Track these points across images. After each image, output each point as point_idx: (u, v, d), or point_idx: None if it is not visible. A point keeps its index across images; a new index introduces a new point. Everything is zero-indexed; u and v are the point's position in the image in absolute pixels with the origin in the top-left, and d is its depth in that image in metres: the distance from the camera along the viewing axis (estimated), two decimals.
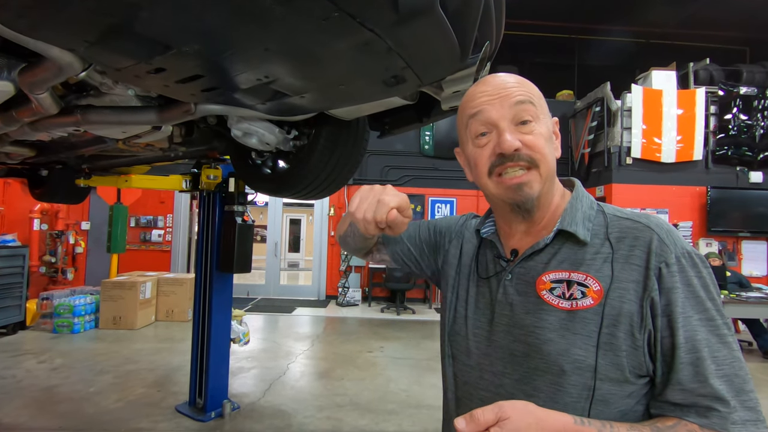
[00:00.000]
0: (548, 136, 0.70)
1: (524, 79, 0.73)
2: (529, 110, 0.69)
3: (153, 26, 0.82)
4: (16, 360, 4.33)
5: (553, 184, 0.73)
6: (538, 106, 0.70)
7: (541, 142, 0.68)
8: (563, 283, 0.66)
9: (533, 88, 0.72)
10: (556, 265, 0.68)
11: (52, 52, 0.96)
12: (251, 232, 3.15)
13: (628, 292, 0.62)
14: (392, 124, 1.71)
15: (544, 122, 0.70)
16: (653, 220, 0.67)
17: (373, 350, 5.16)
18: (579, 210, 0.70)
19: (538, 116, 0.69)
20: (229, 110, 1.38)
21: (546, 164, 0.69)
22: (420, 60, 1.05)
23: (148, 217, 8.33)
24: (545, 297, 0.67)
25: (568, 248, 0.69)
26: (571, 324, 0.64)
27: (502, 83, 0.71)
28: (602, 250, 0.66)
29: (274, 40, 0.89)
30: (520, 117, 0.69)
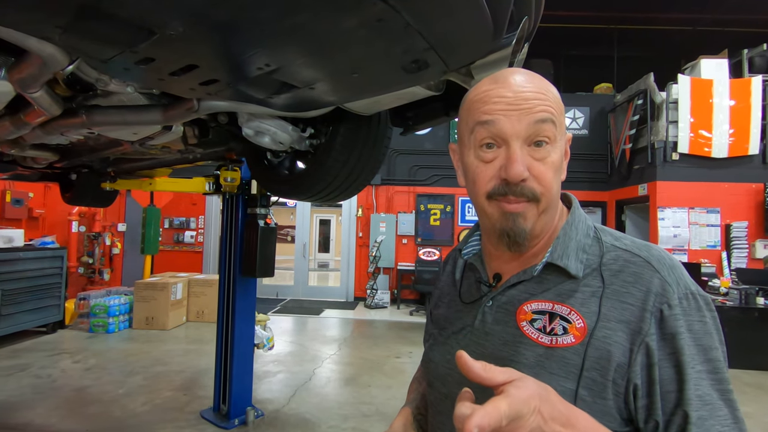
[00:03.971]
0: (559, 164, 0.61)
1: (546, 83, 0.62)
2: (548, 131, 0.59)
3: (126, 5, 0.69)
4: (53, 359, 4.45)
5: (551, 213, 0.64)
6: (558, 124, 0.60)
7: (550, 175, 0.60)
8: (545, 315, 0.59)
9: (555, 96, 0.61)
10: (539, 294, 0.61)
11: (29, 43, 0.86)
12: (274, 235, 3.07)
13: (616, 333, 0.55)
14: (416, 118, 1.55)
15: (559, 145, 0.61)
16: (655, 253, 0.60)
17: (401, 356, 5.00)
18: (573, 239, 0.62)
19: (556, 138, 0.60)
20: (234, 106, 1.26)
21: (547, 198, 0.61)
22: (445, 39, 0.88)
23: (181, 218, 8.52)
24: (524, 329, 0.60)
25: (557, 277, 0.61)
26: (548, 362, 0.57)
27: (523, 89, 0.59)
28: (591, 282, 0.59)
29: (269, 18, 0.75)
30: (537, 137, 0.59)
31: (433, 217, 8.64)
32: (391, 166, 8.54)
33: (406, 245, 8.60)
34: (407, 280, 8.13)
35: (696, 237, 6.74)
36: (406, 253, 8.54)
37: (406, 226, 8.55)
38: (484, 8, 0.81)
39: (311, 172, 1.66)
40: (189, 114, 1.28)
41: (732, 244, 6.69)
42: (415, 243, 8.56)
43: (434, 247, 8.16)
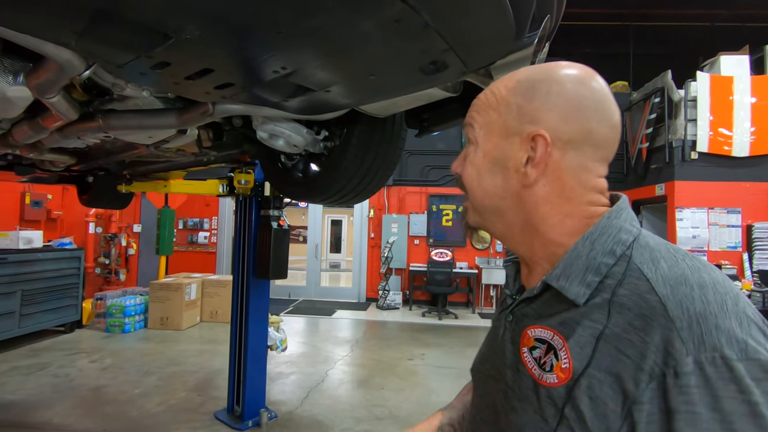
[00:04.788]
0: (481, 164, 0.58)
1: (499, 84, 0.59)
2: (469, 133, 0.61)
3: (142, 9, 0.68)
4: (71, 359, 4.52)
5: (503, 217, 0.58)
6: (481, 125, 0.58)
7: (469, 172, 0.59)
8: (545, 344, 0.52)
9: (487, 99, 0.59)
10: (546, 318, 0.54)
11: (46, 49, 0.86)
12: (287, 237, 3.07)
13: (602, 388, 0.45)
14: (432, 120, 1.52)
15: (483, 146, 0.58)
16: (683, 291, 0.44)
17: (414, 357, 4.97)
18: (583, 256, 0.51)
19: (477, 140, 0.59)
20: (249, 110, 1.25)
21: (473, 196, 0.59)
22: (465, 40, 0.86)
23: (195, 219, 8.60)
24: (524, 355, 0.55)
25: (563, 302, 0.52)
26: (533, 398, 0.51)
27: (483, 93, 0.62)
28: (597, 316, 0.48)
29: (286, 20, 0.73)
30: (466, 139, 0.62)
31: (446, 218, 8.59)
32: (403, 166, 8.51)
33: (418, 246, 8.56)
34: (419, 281, 8.10)
35: (716, 238, 6.58)
36: (418, 254, 8.50)
37: (418, 227, 8.51)
38: (507, 7, 0.78)
39: (326, 174, 1.65)
40: (204, 118, 1.27)
41: (754, 245, 6.51)
42: (427, 244, 8.52)
43: (447, 248, 8.11)
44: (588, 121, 0.52)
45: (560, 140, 0.53)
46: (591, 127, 0.53)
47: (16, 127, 1.71)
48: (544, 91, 0.53)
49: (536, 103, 0.53)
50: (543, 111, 0.53)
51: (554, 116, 0.52)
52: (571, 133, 0.52)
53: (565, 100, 0.53)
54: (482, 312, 7.94)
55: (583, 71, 0.55)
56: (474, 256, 8.44)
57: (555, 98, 0.53)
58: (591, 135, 0.53)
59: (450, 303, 7.95)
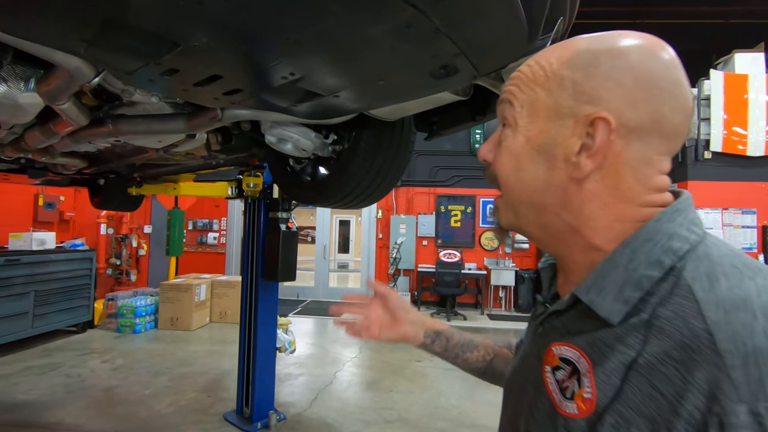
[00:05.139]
0: (518, 150, 0.48)
1: (548, 51, 0.49)
2: (506, 112, 0.50)
3: (151, 17, 0.68)
4: (83, 359, 4.57)
5: (542, 215, 0.49)
6: (524, 103, 0.48)
7: (504, 160, 0.50)
8: (570, 365, 0.45)
9: (534, 71, 0.48)
10: (574, 335, 0.46)
11: (56, 57, 0.86)
12: (295, 239, 3.07)
13: (629, 429, 0.38)
14: (441, 123, 1.51)
15: (523, 129, 0.48)
16: (743, 319, 0.35)
17: (422, 359, 4.95)
18: (621, 266, 0.43)
19: (516, 121, 0.49)
20: (258, 115, 1.24)
21: (507, 189, 0.50)
22: (477, 44, 0.84)
23: (204, 220, 8.66)
24: (546, 375, 0.48)
25: (593, 317, 0.44)
26: (548, 427, 0.45)
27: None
28: (632, 340, 0.40)
29: (294, 27, 0.72)
30: (501, 120, 0.52)
31: (454, 219, 8.55)
32: (411, 167, 8.49)
33: (427, 247, 8.53)
34: (428, 282, 8.07)
35: (730, 239, 6.46)
36: (426, 255, 8.47)
37: (426, 228, 8.48)
38: (519, 10, 0.76)
39: (334, 178, 1.64)
40: (212, 123, 1.27)
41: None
42: (435, 245, 8.49)
43: (455, 248, 8.07)
44: (660, 106, 0.43)
45: (624, 127, 0.43)
46: (662, 114, 0.43)
47: (28, 132, 1.73)
48: (609, 65, 0.43)
49: (598, 80, 0.43)
50: (606, 90, 0.43)
51: (619, 97, 0.43)
52: (638, 119, 0.43)
53: (634, 77, 0.43)
54: (491, 313, 7.88)
55: (655, 42, 0.45)
56: (483, 257, 8.39)
57: (621, 75, 0.43)
58: (661, 123, 0.43)
59: (458, 304, 7.91)
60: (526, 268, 8.14)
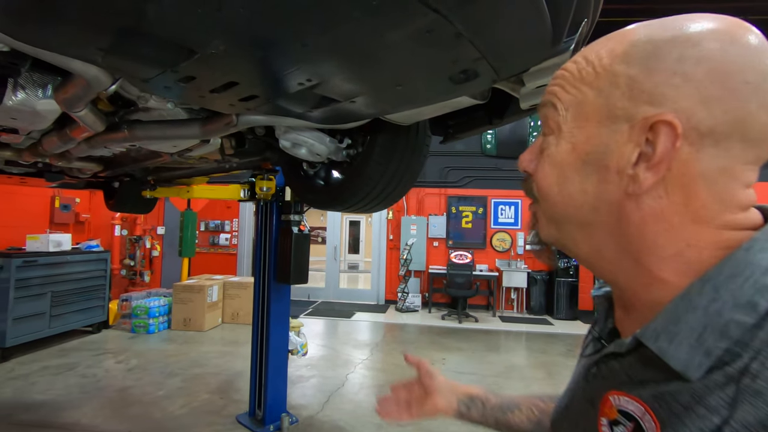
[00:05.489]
0: (561, 160, 0.41)
1: (599, 43, 0.42)
2: (548, 117, 0.44)
3: (167, 25, 0.67)
4: (98, 359, 4.63)
5: (585, 231, 0.41)
6: (569, 105, 0.41)
7: (545, 171, 0.43)
8: (633, 421, 0.38)
9: (581, 68, 0.41)
10: (637, 385, 0.38)
11: (74, 65, 0.86)
12: (308, 242, 3.06)
13: None
14: (457, 127, 1.48)
15: (569, 135, 0.41)
16: None
17: (435, 362, 4.92)
18: (700, 308, 0.34)
19: (559, 127, 0.42)
20: (273, 120, 1.23)
21: (547, 202, 0.43)
22: (498, 48, 0.82)
23: (216, 221, 8.72)
24: (602, 428, 0.41)
25: (662, 365, 0.36)
26: None
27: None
28: (711, 400, 0.33)
29: (312, 32, 0.71)
30: (542, 125, 0.45)
31: (465, 220, 8.49)
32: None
33: (438, 248, 8.49)
34: (438, 284, 8.03)
35: None
36: (437, 256, 8.43)
37: (437, 229, 8.44)
38: (545, 13, 0.74)
39: (349, 182, 1.63)
40: (228, 128, 1.26)
41: None
42: (446, 246, 8.44)
43: (466, 250, 8.02)
44: (743, 103, 0.34)
45: (695, 131, 0.35)
46: (747, 113, 0.34)
47: (45, 138, 1.75)
48: (675, 57, 0.35)
49: (661, 75, 0.36)
50: (671, 86, 0.35)
51: (689, 95, 0.35)
52: (713, 120, 0.34)
53: (708, 70, 0.34)
54: (503, 315, 7.81)
55: (737, 25, 0.36)
56: (494, 259, 8.32)
57: (692, 67, 0.35)
58: (744, 124, 0.35)
59: (470, 306, 7.86)
60: (538, 269, 8.05)
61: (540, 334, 6.57)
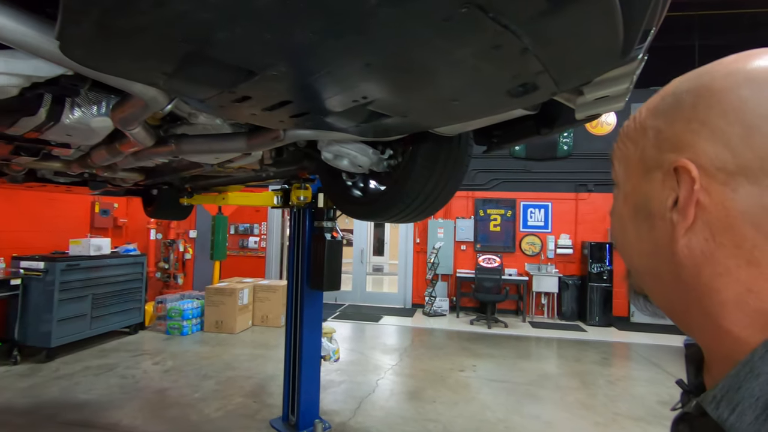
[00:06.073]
0: (624, 214, 0.44)
1: (651, 98, 0.43)
2: (615, 171, 0.47)
3: (232, 50, 0.67)
4: (136, 360, 4.77)
5: (659, 286, 0.41)
6: (620, 160, 0.45)
7: (615, 226, 0.46)
8: None
9: (640, 122, 0.43)
10: None
11: (134, 88, 0.87)
12: (340, 248, 3.06)
13: None
14: (503, 137, 1.44)
15: (623, 187, 0.44)
16: None
17: (465, 369, 4.85)
18: (763, 374, 0.31)
19: (617, 179, 0.46)
20: (319, 134, 1.23)
21: (621, 254, 0.45)
22: (565, 61, 0.78)
23: (246, 224, 8.89)
24: None
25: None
26: None
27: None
28: None
29: (377, 52, 0.69)
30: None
31: (493, 223, 8.36)
32: None
33: (465, 252, 8.39)
34: (466, 288, 7.92)
35: None
36: (465, 260, 8.33)
37: (464, 232, 8.35)
38: (620, 25, 0.70)
39: (390, 194, 1.61)
40: (274, 143, 1.26)
41: None
42: (474, 249, 8.34)
43: (494, 253, 7.89)
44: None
45: (722, 171, 0.35)
46: None
47: (94, 151, 1.80)
48: (689, 104, 0.37)
49: (679, 123, 0.38)
50: (690, 132, 0.37)
51: (708, 137, 0.36)
52: (740, 158, 0.34)
53: (722, 111, 0.35)
54: (533, 321, 7.64)
55: (748, 60, 0.37)
56: (524, 263, 8.16)
57: (706, 111, 0.36)
58: None
59: (498, 311, 7.72)
60: (569, 274, 7.85)
61: (572, 341, 6.39)
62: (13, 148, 1.76)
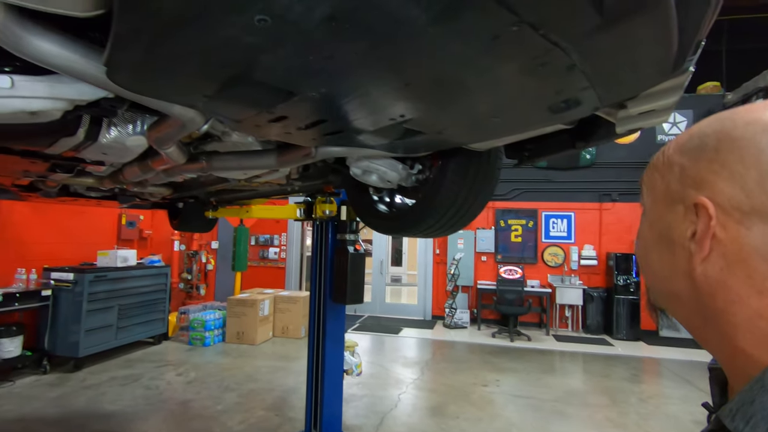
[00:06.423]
0: (648, 238, 0.49)
1: (680, 135, 0.48)
2: (641, 199, 0.52)
3: (275, 73, 0.66)
4: (160, 371, 4.83)
5: (681, 306, 0.45)
6: (648, 189, 0.50)
7: (638, 248, 0.51)
8: None
9: (667, 157, 0.47)
10: None
11: (173, 110, 0.87)
12: (363, 261, 3.04)
13: None
14: (536, 151, 1.41)
15: (649, 215, 0.49)
16: None
17: (488, 384, 4.74)
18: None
19: (645, 208, 0.51)
20: (350, 151, 1.22)
21: (645, 275, 0.50)
22: (613, 76, 0.75)
23: (266, 235, 8.97)
24: None
25: None
26: None
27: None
28: None
29: (419, 72, 0.68)
30: None
31: (514, 233, 8.23)
32: None
33: (486, 263, 8.27)
34: (487, 299, 7.79)
35: None
36: (485, 271, 8.21)
37: (485, 243, 8.24)
38: (675, 39, 0.67)
39: (419, 209, 1.59)
40: (305, 160, 1.26)
41: None
42: (495, 260, 8.21)
43: (516, 264, 7.75)
44: None
45: (738, 211, 0.39)
46: None
47: (127, 167, 1.83)
48: (712, 147, 0.42)
49: (702, 163, 0.42)
50: (711, 172, 0.41)
51: (727, 179, 0.40)
52: (754, 200, 0.38)
53: (740, 156, 0.39)
54: (557, 334, 7.45)
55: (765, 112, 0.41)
56: (546, 274, 7.99)
57: (727, 155, 0.40)
58: None
59: (521, 323, 7.56)
60: (594, 286, 7.64)
61: (599, 356, 6.19)
62: (50, 165, 1.81)
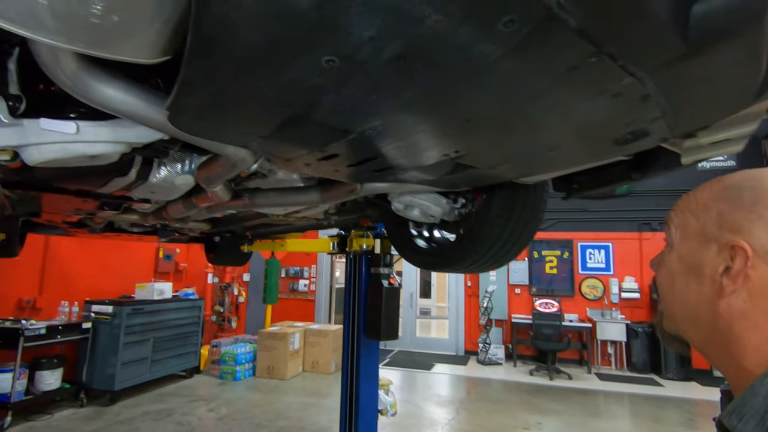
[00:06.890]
0: (673, 270, 0.55)
1: (705, 186, 0.55)
2: (667, 232, 0.59)
3: (335, 112, 0.65)
4: (191, 406, 4.80)
5: (696, 331, 0.53)
6: (678, 226, 0.56)
7: (660, 279, 0.58)
8: None
9: (688, 202, 0.56)
10: None
11: (226, 150, 0.88)
12: (398, 296, 2.98)
13: None
14: (586, 184, 1.34)
15: (678, 250, 0.55)
16: None
17: (530, 427, 4.45)
18: (759, 395, 0.43)
19: (672, 242, 0.57)
20: (395, 187, 1.19)
21: (666, 302, 0.57)
22: (688, 105, 0.70)
23: (296, 268, 9.01)
24: None
25: None
26: None
27: None
28: None
29: (483, 107, 0.65)
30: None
31: (549, 265, 7.96)
32: None
33: (520, 295, 7.99)
34: (523, 334, 7.47)
35: None
36: (519, 304, 7.91)
37: (518, 275, 7.98)
38: (763, 66, 0.62)
39: (463, 244, 1.53)
40: (349, 196, 1.25)
41: None
42: (529, 293, 7.92)
43: (552, 297, 7.45)
44: None
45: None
46: None
47: (171, 204, 1.88)
48: (750, 200, 0.49)
49: (740, 212, 0.49)
50: (747, 221, 0.48)
51: (761, 227, 0.47)
52: None
53: None
54: (599, 372, 7.01)
55: None
56: (585, 307, 7.62)
57: (761, 209, 0.48)
58: None
59: (559, 360, 7.17)
60: (638, 320, 7.22)
61: (647, 397, 5.76)
62: (99, 203, 1.87)
